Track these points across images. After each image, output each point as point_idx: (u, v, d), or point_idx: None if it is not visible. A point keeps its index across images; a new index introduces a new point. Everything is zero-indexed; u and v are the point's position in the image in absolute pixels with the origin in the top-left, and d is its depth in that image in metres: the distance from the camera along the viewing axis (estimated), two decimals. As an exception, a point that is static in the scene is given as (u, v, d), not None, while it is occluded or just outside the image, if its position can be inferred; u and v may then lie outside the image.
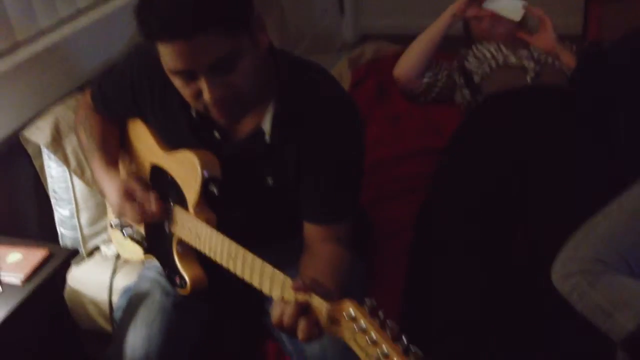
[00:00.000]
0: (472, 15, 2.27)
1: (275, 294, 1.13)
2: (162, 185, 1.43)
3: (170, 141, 1.43)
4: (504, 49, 2.21)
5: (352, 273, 1.32)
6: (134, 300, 1.46)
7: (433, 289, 1.55)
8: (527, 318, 1.49)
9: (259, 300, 1.46)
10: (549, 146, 1.78)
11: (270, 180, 1.35)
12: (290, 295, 1.08)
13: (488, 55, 2.19)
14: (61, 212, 1.79)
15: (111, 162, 1.48)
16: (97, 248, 1.85)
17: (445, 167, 1.86)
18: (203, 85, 1.15)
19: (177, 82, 1.20)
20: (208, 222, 1.32)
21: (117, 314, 1.68)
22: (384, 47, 2.63)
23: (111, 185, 1.41)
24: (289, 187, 1.35)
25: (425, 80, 2.28)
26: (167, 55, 1.14)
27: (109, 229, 1.63)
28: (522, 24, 2.35)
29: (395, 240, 1.75)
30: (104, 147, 1.49)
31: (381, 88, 2.44)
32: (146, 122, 1.48)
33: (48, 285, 1.33)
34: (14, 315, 1.26)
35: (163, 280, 1.47)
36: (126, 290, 1.68)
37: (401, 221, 1.77)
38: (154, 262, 1.51)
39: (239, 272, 1.22)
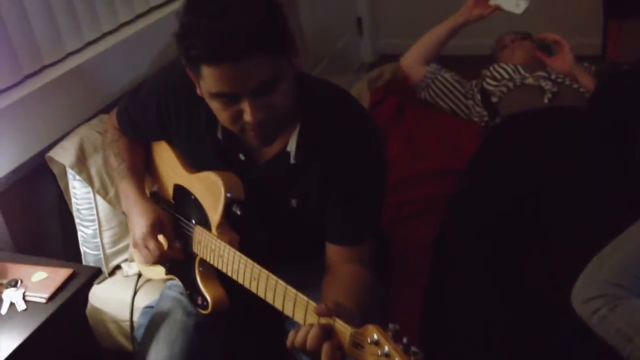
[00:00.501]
0: (477, 14, 2.36)
1: (298, 317, 1.14)
2: (186, 205, 1.45)
3: (194, 163, 1.45)
4: (521, 69, 2.24)
5: (373, 294, 1.33)
6: (156, 319, 1.48)
7: (449, 308, 1.56)
8: (542, 338, 1.48)
9: (279, 320, 1.47)
10: (566, 167, 1.78)
11: (294, 202, 1.37)
12: (314, 318, 1.09)
13: (505, 75, 2.23)
14: (84, 232, 1.82)
15: (142, 189, 1.50)
16: (118, 267, 1.88)
17: (464, 189, 1.86)
18: (245, 107, 1.17)
19: (216, 105, 1.21)
20: (231, 243, 1.33)
21: (138, 333, 1.70)
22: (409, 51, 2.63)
23: (142, 214, 1.43)
24: (313, 208, 1.36)
25: (428, 69, 2.41)
26: (212, 79, 1.15)
27: (131, 248, 1.65)
28: (542, 46, 2.38)
29: (412, 260, 1.76)
30: (134, 172, 1.51)
31: (400, 108, 2.47)
32: (171, 143, 1.51)
33: (71, 303, 1.35)
34: (38, 333, 1.28)
35: (185, 300, 1.48)
36: (147, 309, 1.70)
37: (419, 241, 1.78)
38: (176, 282, 1.53)
39: (261, 294, 1.23)
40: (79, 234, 1.83)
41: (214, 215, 1.37)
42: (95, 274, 1.41)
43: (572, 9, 3.44)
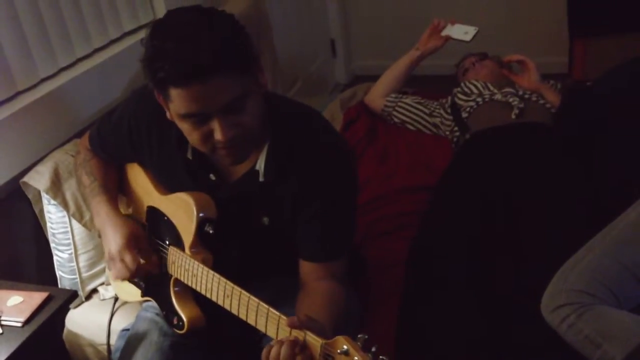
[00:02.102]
0: (432, 46, 2.47)
1: (271, 332, 1.16)
2: (159, 226, 1.47)
3: (166, 184, 1.47)
4: (490, 86, 2.33)
5: (346, 308, 1.35)
6: (132, 341, 1.48)
7: (424, 320, 1.58)
8: (516, 346, 1.51)
9: (256, 338, 1.47)
10: (533, 180, 1.83)
11: (265, 220, 1.39)
12: (286, 332, 1.11)
13: (475, 90, 2.31)
14: (60, 256, 1.82)
15: (115, 205, 1.51)
16: (94, 290, 1.87)
17: (434, 205, 1.91)
18: (216, 126, 1.19)
19: (186, 126, 1.23)
20: (204, 262, 1.35)
21: (115, 356, 1.69)
22: (373, 86, 2.70)
23: (116, 228, 1.43)
24: (285, 226, 1.38)
25: (387, 99, 2.54)
26: (180, 100, 1.17)
27: (107, 271, 1.66)
28: (503, 65, 2.47)
29: (387, 275, 1.78)
30: (106, 190, 1.53)
31: (373, 127, 2.52)
32: (143, 165, 1.53)
33: (48, 327, 1.35)
34: (14, 358, 1.28)
35: (161, 321, 1.49)
36: (124, 332, 1.70)
37: (392, 257, 1.81)
38: (152, 303, 1.53)
39: (234, 311, 1.25)
40: (55, 258, 1.83)
41: (187, 235, 1.39)
42: (71, 297, 1.42)
43: (539, 29, 3.54)
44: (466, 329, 1.53)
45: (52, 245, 1.82)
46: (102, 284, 1.87)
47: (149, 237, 1.49)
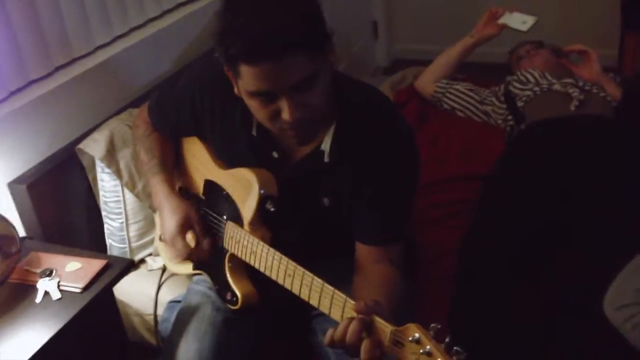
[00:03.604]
0: (487, 34, 2.43)
1: (335, 314, 1.14)
2: (216, 200, 1.46)
3: (227, 159, 1.46)
4: (548, 76, 2.27)
5: (402, 295, 1.33)
6: (184, 314, 1.48)
7: (476, 314, 1.56)
8: (573, 343, 1.49)
9: (307, 318, 1.47)
10: (597, 173, 1.79)
11: (326, 201, 1.37)
12: (352, 316, 1.10)
13: (532, 79, 2.26)
14: (111, 224, 1.83)
15: (173, 185, 1.50)
16: (142, 260, 1.88)
17: (489, 196, 1.87)
18: (284, 106, 1.17)
19: (254, 104, 1.21)
20: (263, 239, 1.34)
21: (162, 327, 1.71)
22: (423, 71, 2.66)
23: (171, 211, 1.43)
24: (344, 207, 1.36)
25: (437, 85, 2.50)
26: (251, 77, 1.15)
27: (157, 242, 1.66)
28: (561, 54, 2.41)
29: (437, 265, 1.76)
30: (165, 169, 1.52)
31: (423, 111, 2.49)
32: (203, 139, 1.52)
33: (105, 294, 1.36)
34: (74, 322, 1.29)
35: (213, 295, 1.48)
36: (172, 304, 1.70)
37: (443, 246, 1.79)
38: (204, 276, 1.53)
39: (295, 290, 1.23)
40: (105, 226, 1.84)
41: (247, 211, 1.38)
42: (128, 266, 1.42)
43: (588, 20, 3.46)
44: (520, 324, 1.51)
45: (103, 213, 1.82)
46: (150, 254, 1.87)
47: (205, 210, 1.48)
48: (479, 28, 2.46)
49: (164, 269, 1.80)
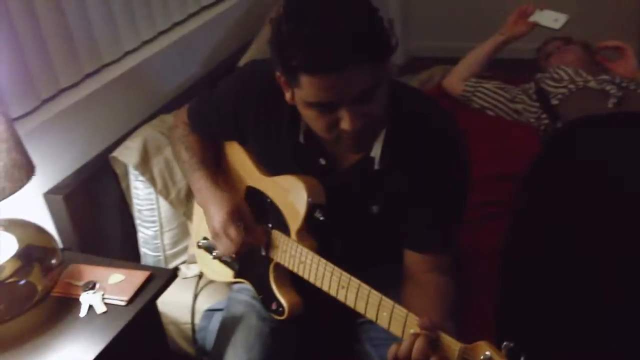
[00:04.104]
0: (518, 32, 2.38)
1: (395, 329, 1.11)
2: (260, 208, 1.43)
3: (270, 165, 1.43)
4: (582, 72, 2.22)
5: (457, 304, 1.31)
6: (229, 324, 1.45)
7: (525, 319, 1.53)
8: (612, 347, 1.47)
9: (352, 325, 1.45)
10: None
11: (375, 209, 1.34)
12: (416, 331, 1.07)
13: (566, 77, 2.22)
14: (145, 233, 1.80)
15: (216, 180, 1.46)
16: (176, 268, 1.85)
17: (531, 197, 1.83)
18: (344, 116, 1.13)
19: (311, 114, 1.17)
20: (311, 248, 1.31)
21: (200, 336, 1.68)
22: (450, 70, 2.62)
23: (219, 203, 1.38)
24: (394, 215, 1.33)
25: (466, 84, 2.46)
26: (312, 88, 1.11)
27: (194, 249, 1.63)
28: (597, 51, 2.38)
29: (476, 267, 1.73)
30: (206, 165, 1.48)
31: (452, 110, 2.44)
32: (244, 144, 1.49)
33: (150, 306, 1.33)
34: (121, 336, 1.26)
35: (257, 305, 1.46)
36: (209, 312, 1.68)
37: (484, 248, 1.75)
38: (245, 285, 1.50)
39: (350, 303, 1.20)
40: (139, 235, 1.81)
41: (295, 220, 1.35)
42: (172, 277, 1.39)
43: (612, 17, 3.41)
44: (567, 325, 1.48)
45: (137, 221, 1.80)
46: (184, 262, 1.85)
47: None
48: (509, 26, 2.41)
49: (200, 277, 1.77)
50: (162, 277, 1.37)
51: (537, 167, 1.93)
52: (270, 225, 1.40)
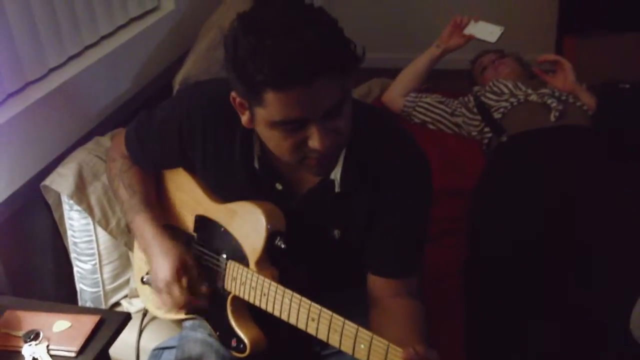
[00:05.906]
0: (453, 45, 2.39)
1: (375, 361, 1.05)
2: (212, 237, 1.34)
3: (222, 192, 1.33)
4: (522, 86, 2.25)
5: (428, 327, 1.26)
6: (185, 366, 1.34)
7: (494, 336, 1.52)
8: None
9: (317, 358, 1.38)
10: (587, 183, 1.78)
11: (336, 233, 1.28)
12: (395, 365, 1.01)
13: (506, 90, 2.24)
14: (82, 267, 1.65)
15: (160, 224, 1.35)
16: (117, 304, 1.71)
17: (481, 212, 1.83)
18: (314, 133, 1.06)
19: (276, 134, 1.09)
20: (272, 278, 1.23)
21: (147, 377, 1.56)
22: (389, 83, 2.61)
23: (163, 256, 1.29)
24: (356, 239, 1.28)
25: (406, 99, 2.46)
26: (279, 105, 1.03)
27: (137, 284, 1.51)
28: (524, 65, 2.42)
29: (442, 287, 1.71)
30: (148, 205, 1.37)
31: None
32: (191, 171, 1.38)
33: (103, 357, 1.20)
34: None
35: (215, 343, 1.36)
36: (157, 351, 1.55)
37: (445, 267, 1.73)
38: (199, 321, 1.40)
39: (322, 336, 1.13)
40: (75, 270, 1.66)
41: (252, 249, 1.26)
42: (125, 320, 1.26)
43: (525, 25, 3.49)
44: (537, 340, 1.48)
45: (72, 255, 1.64)
46: (126, 296, 1.71)
47: (198, 249, 1.35)
48: (444, 38, 2.41)
49: (144, 313, 1.64)
50: (113, 321, 1.25)
51: (486, 181, 1.93)
52: (225, 256, 1.31)
